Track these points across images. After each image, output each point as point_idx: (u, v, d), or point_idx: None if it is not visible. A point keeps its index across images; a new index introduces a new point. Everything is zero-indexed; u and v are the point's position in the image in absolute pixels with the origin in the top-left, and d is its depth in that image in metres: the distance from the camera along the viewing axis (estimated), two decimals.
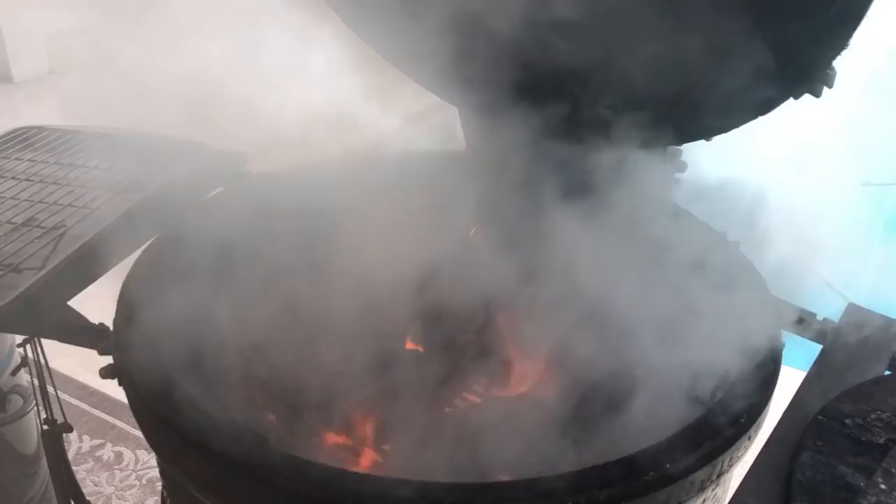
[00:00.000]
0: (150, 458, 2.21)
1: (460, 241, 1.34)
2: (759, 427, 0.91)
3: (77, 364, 1.94)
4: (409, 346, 1.32)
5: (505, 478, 0.94)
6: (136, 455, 2.24)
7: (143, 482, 2.16)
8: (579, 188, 1.34)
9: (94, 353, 1.03)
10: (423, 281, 1.28)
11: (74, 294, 1.06)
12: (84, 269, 1.09)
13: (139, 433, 0.89)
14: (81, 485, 1.42)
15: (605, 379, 1.14)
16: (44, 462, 1.38)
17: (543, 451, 1.02)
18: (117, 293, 1.06)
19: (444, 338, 1.30)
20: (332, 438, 0.99)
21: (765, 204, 1.30)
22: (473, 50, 1.33)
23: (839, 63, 1.04)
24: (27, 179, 1.37)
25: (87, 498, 1.48)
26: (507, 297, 1.27)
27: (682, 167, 1.38)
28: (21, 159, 1.46)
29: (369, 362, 1.21)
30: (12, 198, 1.30)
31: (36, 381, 1.28)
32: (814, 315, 1.16)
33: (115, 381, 0.97)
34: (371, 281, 1.24)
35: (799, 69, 1.05)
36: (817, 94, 1.07)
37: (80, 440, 2.29)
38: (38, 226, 1.21)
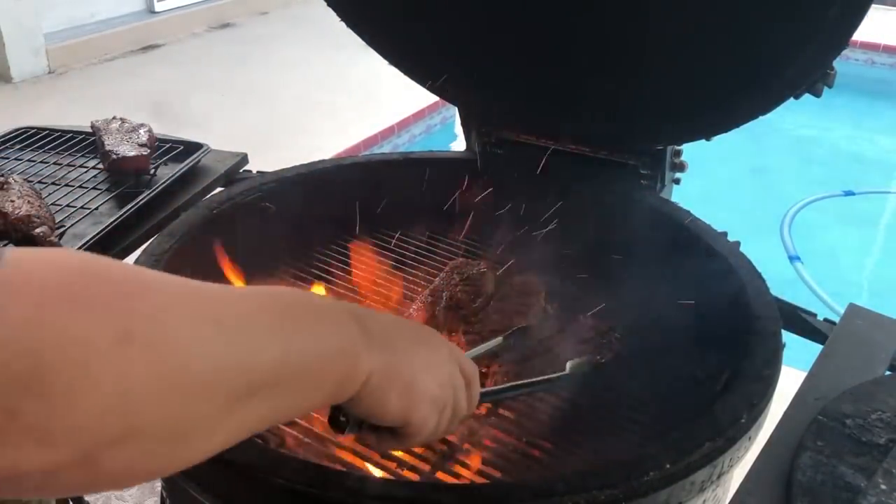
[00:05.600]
0: None
1: None
2: (759, 427, 0.90)
3: None
4: None
5: (505, 478, 0.94)
6: None
7: None
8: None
9: None
10: None
11: None
12: None
13: None
14: None
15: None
16: None
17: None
18: None
19: None
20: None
21: None
22: (476, 51, 1.34)
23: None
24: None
25: (86, 498, 1.48)
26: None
27: (683, 167, 1.38)
28: (21, 159, 1.46)
29: None
30: None
31: None
32: (814, 315, 1.16)
33: None
34: None
35: (799, 69, 1.06)
36: (818, 94, 1.07)
37: None
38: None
